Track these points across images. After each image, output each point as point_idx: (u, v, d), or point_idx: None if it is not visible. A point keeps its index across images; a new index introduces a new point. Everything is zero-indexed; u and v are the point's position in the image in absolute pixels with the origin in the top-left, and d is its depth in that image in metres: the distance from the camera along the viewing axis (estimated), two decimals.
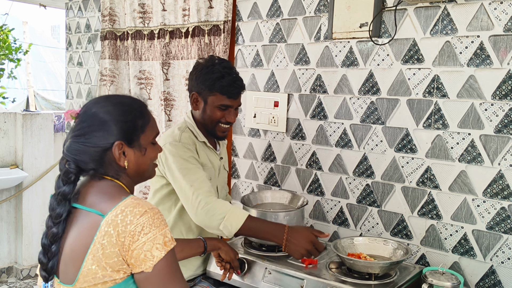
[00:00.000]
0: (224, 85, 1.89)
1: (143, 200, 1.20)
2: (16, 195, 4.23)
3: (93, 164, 1.23)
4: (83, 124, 1.23)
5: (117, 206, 1.16)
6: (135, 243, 1.13)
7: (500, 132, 1.78)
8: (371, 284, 1.65)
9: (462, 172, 1.88)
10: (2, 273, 4.28)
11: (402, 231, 2.05)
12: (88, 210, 1.19)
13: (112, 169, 1.25)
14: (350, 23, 2.13)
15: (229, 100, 1.91)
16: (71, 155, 1.22)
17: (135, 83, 3.19)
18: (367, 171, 2.15)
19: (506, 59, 1.76)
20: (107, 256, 1.14)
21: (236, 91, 1.92)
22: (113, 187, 1.24)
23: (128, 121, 1.26)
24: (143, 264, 1.13)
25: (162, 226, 1.17)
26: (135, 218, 1.14)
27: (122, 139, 1.24)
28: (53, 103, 7.88)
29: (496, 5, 1.77)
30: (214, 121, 1.94)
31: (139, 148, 1.29)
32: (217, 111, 1.92)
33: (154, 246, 1.14)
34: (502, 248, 1.80)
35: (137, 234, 1.13)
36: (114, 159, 1.24)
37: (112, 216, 1.14)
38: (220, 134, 1.99)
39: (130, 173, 1.28)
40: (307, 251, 1.73)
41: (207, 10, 2.70)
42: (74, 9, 3.91)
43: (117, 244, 1.13)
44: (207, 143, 2.00)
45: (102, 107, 1.25)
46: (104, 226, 1.14)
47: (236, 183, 2.69)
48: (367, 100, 2.13)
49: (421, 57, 1.96)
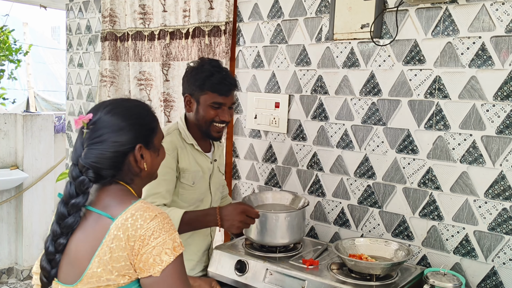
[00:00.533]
0: (214, 83, 1.89)
1: (152, 204, 1.21)
2: (17, 196, 4.23)
3: (113, 170, 1.23)
4: (100, 131, 1.22)
5: (127, 210, 1.16)
6: (145, 247, 1.13)
7: (502, 133, 1.78)
8: (372, 285, 1.65)
9: (464, 173, 1.87)
10: (3, 273, 4.27)
11: (404, 232, 2.05)
12: (99, 213, 1.19)
13: (129, 173, 1.26)
14: (351, 24, 2.13)
15: (221, 97, 1.91)
16: (91, 162, 1.20)
17: (135, 84, 3.18)
18: (368, 172, 2.14)
19: (508, 60, 1.76)
20: (115, 260, 1.13)
21: (227, 88, 1.92)
22: (122, 191, 1.24)
23: (144, 124, 1.29)
24: (152, 269, 1.14)
25: (171, 231, 1.17)
26: (145, 222, 1.14)
27: (141, 142, 1.26)
28: (53, 104, 7.87)
29: (498, 6, 1.77)
30: (208, 120, 1.93)
31: (154, 149, 1.32)
32: (210, 110, 1.91)
33: (163, 251, 1.14)
34: (504, 249, 1.80)
35: (147, 238, 1.13)
36: (133, 162, 1.25)
37: (122, 220, 1.14)
38: (215, 134, 1.97)
39: (144, 176, 1.30)
40: (241, 222, 1.81)
41: (208, 11, 2.70)
42: (74, 10, 3.91)
43: (126, 248, 1.13)
44: (195, 146, 1.98)
45: (117, 113, 1.25)
46: (114, 230, 1.14)
47: (237, 184, 2.69)
48: (368, 101, 2.13)
49: (422, 58, 1.96)
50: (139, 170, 1.27)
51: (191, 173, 1.94)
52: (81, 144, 1.22)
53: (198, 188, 1.99)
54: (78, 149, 1.22)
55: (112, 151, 1.21)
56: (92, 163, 1.20)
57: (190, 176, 1.94)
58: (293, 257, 1.91)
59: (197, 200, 2.00)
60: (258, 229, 1.92)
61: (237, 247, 2.01)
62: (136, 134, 1.25)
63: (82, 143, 1.22)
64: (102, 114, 1.25)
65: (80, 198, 1.18)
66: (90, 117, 1.23)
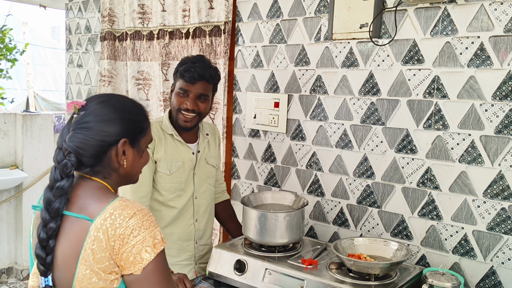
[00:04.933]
0: (183, 70, 1.98)
1: (131, 201, 1.19)
2: (16, 195, 4.23)
3: (93, 159, 1.21)
4: (90, 117, 1.20)
5: (105, 210, 1.14)
6: (125, 246, 1.12)
7: (501, 133, 1.78)
8: (371, 285, 1.65)
9: (463, 172, 1.87)
10: (2, 273, 4.28)
11: (403, 231, 2.05)
12: (77, 216, 1.16)
13: (107, 167, 1.24)
14: (350, 23, 2.13)
15: (186, 84, 1.97)
16: (74, 146, 1.18)
17: (133, 83, 3.18)
18: (367, 172, 2.14)
19: (507, 60, 1.76)
20: (98, 261, 1.12)
21: (191, 75, 1.95)
22: (100, 189, 1.22)
23: (135, 121, 1.27)
24: (132, 267, 1.13)
25: (151, 228, 1.15)
26: (124, 221, 1.12)
27: (127, 137, 1.24)
28: (53, 104, 7.88)
29: (496, 6, 1.77)
30: (175, 108, 2.02)
31: (138, 149, 1.29)
32: (177, 97, 2.01)
33: (143, 249, 1.13)
34: (503, 248, 1.80)
35: (127, 237, 1.12)
36: (114, 156, 1.23)
37: (101, 220, 1.13)
38: (182, 124, 2.01)
39: (122, 174, 1.27)
40: None
41: (208, 11, 2.70)
42: (74, 10, 3.91)
43: (107, 249, 1.12)
44: (175, 135, 2.05)
45: (110, 104, 1.25)
46: (94, 231, 1.12)
47: (236, 184, 2.69)
48: (367, 100, 2.13)
49: (421, 58, 1.96)
50: (118, 166, 1.24)
51: (166, 162, 2.01)
52: (68, 129, 1.21)
53: (177, 177, 2.04)
54: (64, 133, 1.21)
55: (97, 139, 1.19)
56: (75, 147, 1.18)
57: (165, 165, 2.01)
58: (292, 256, 1.91)
59: (177, 189, 2.05)
60: (257, 229, 1.93)
61: (236, 247, 2.01)
62: (124, 128, 1.24)
63: (69, 127, 1.21)
64: (95, 102, 1.24)
65: (64, 181, 1.16)
66: (83, 104, 1.23)
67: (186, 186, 2.07)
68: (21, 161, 4.24)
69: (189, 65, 1.98)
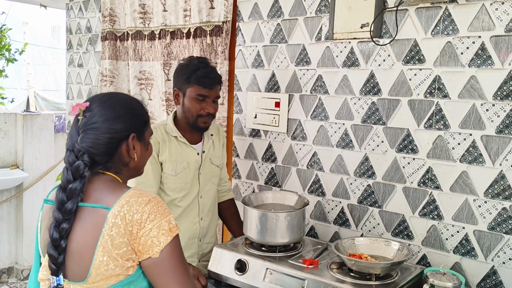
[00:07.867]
0: (199, 76, 2.03)
1: (144, 190, 1.25)
2: (17, 195, 4.23)
3: (105, 156, 1.26)
4: (97, 117, 1.25)
5: (121, 198, 1.19)
6: (142, 230, 1.17)
7: (502, 133, 1.78)
8: (372, 285, 1.65)
9: (463, 172, 1.87)
10: (3, 273, 4.28)
11: (403, 231, 2.05)
12: (93, 206, 1.21)
13: (118, 163, 1.29)
14: (351, 23, 2.13)
15: (205, 90, 2.04)
16: (86, 146, 1.23)
17: (135, 83, 3.19)
18: (368, 172, 2.14)
19: (508, 59, 1.76)
20: (116, 246, 1.16)
21: (211, 82, 2.05)
22: (113, 182, 1.27)
23: (139, 115, 1.34)
24: (150, 250, 1.17)
25: (166, 214, 1.21)
26: (140, 207, 1.18)
27: (134, 132, 1.30)
28: (53, 104, 7.88)
29: (498, 6, 1.77)
30: (194, 114, 2.07)
31: (144, 142, 1.36)
32: (195, 102, 2.05)
33: (160, 232, 1.18)
34: (504, 248, 1.80)
35: (144, 221, 1.17)
36: (125, 151, 1.29)
37: (118, 207, 1.18)
38: (202, 125, 2.10)
39: (131, 167, 1.33)
40: None
41: (209, 11, 2.70)
42: (74, 10, 3.91)
43: (125, 234, 1.16)
44: (179, 137, 2.10)
45: (113, 103, 1.30)
46: (111, 218, 1.17)
47: (237, 184, 2.69)
48: (368, 100, 2.13)
49: (422, 58, 1.96)
50: (129, 160, 1.30)
51: (171, 163, 2.07)
52: (77, 131, 1.25)
53: (182, 177, 2.09)
54: (73, 135, 1.25)
55: (108, 137, 1.24)
56: (87, 147, 1.23)
57: (170, 167, 2.07)
58: (293, 256, 1.91)
59: (182, 189, 2.10)
60: (258, 229, 1.93)
61: (237, 247, 2.01)
62: (131, 123, 1.30)
63: (78, 129, 1.25)
64: (99, 103, 1.28)
65: (77, 183, 1.21)
66: (87, 105, 1.27)
67: (191, 186, 2.13)
68: (21, 161, 4.24)
69: (204, 70, 2.04)
